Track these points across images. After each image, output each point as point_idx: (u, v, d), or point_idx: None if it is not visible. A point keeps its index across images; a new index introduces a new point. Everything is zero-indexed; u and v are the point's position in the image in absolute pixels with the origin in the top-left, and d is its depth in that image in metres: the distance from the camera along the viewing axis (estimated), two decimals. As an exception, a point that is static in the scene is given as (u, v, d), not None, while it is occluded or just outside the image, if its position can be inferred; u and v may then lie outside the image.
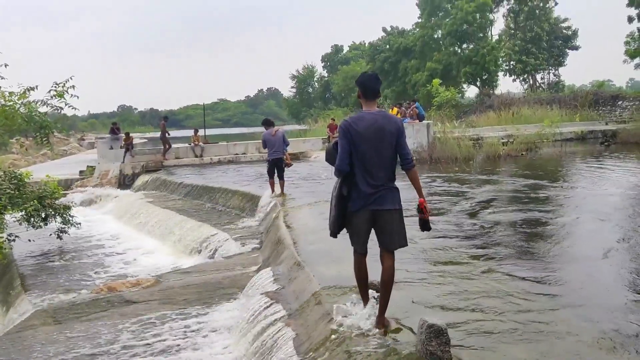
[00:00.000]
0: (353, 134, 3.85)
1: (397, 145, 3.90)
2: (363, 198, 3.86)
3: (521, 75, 49.52)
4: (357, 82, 4.01)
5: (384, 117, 3.96)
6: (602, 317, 4.28)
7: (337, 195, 3.93)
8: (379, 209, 3.87)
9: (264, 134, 11.24)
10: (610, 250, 6.21)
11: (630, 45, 27.41)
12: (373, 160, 3.85)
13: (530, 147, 19.32)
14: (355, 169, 3.87)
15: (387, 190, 3.91)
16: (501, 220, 8.19)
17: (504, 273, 5.49)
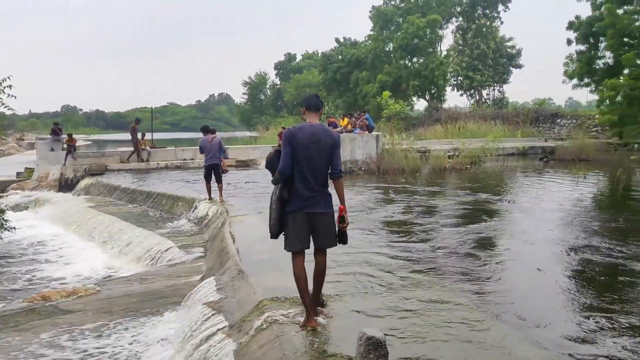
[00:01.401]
0: (294, 142, 4.23)
1: (331, 156, 4.32)
2: (300, 201, 4.24)
3: (468, 91, 51.12)
4: (302, 103, 4.53)
5: (323, 130, 4.37)
6: (544, 337, 4.42)
7: (278, 199, 4.31)
8: (313, 211, 4.25)
9: (201, 140, 11.90)
10: (546, 264, 6.46)
11: (569, 66, 28.74)
12: (310, 167, 4.23)
13: (475, 160, 19.93)
14: (294, 174, 4.25)
15: (322, 195, 4.28)
16: (443, 231, 8.38)
17: (442, 286, 5.60)
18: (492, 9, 49.69)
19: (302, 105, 4.51)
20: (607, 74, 25.57)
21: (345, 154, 18.38)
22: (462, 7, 49.60)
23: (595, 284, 5.79)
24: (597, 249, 7.14)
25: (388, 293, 5.27)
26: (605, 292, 5.47)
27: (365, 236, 8.04)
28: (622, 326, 4.52)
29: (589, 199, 12.37)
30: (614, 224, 8.94)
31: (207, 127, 12.20)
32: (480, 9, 49.76)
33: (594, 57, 27.12)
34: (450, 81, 49.88)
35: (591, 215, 9.92)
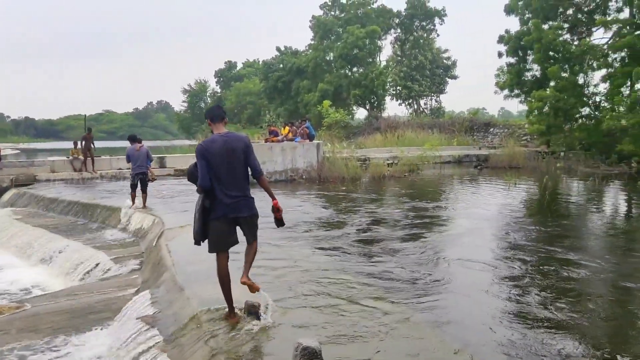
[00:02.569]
0: (208, 155, 4.46)
1: (246, 159, 4.59)
2: (223, 208, 4.50)
3: (406, 100, 52.42)
4: (205, 115, 4.80)
5: (234, 137, 4.63)
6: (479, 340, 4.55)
7: (200, 208, 4.53)
8: (239, 215, 4.55)
9: (128, 149, 12.10)
10: (483, 270, 6.68)
11: (500, 77, 29.97)
12: (229, 175, 4.49)
13: (413, 168, 20.41)
14: (214, 184, 4.48)
15: (244, 199, 4.58)
16: (383, 239, 8.50)
17: (378, 297, 5.67)
18: (428, 21, 51.35)
19: (207, 117, 4.73)
20: (535, 85, 26.92)
21: (286, 162, 18.38)
22: (400, 19, 50.95)
23: (531, 283, 6.03)
24: (528, 250, 7.46)
25: (326, 301, 5.27)
26: (543, 291, 5.71)
27: (303, 243, 8.04)
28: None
29: (519, 205, 12.92)
30: (542, 228, 9.36)
31: (134, 136, 12.41)
32: (417, 21, 51.28)
33: (523, 70, 28.45)
34: (390, 91, 50.98)
35: (520, 220, 10.36)
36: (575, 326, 4.78)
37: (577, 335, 4.58)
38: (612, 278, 6.41)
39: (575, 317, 4.99)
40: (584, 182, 17.16)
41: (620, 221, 10.90)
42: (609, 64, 23.80)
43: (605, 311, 5.27)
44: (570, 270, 6.55)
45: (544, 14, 26.82)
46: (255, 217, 4.69)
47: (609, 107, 23.05)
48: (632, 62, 21.94)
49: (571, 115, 24.18)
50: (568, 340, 4.45)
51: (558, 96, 23.67)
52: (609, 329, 4.94)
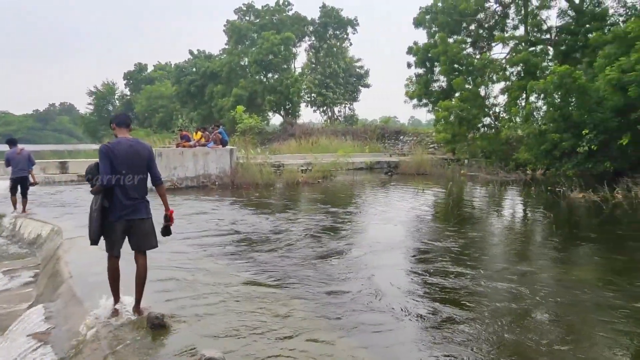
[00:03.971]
0: (112, 155, 4.60)
1: (148, 166, 4.83)
2: (121, 209, 4.65)
3: (321, 107, 53.16)
4: (112, 120, 4.96)
5: (138, 143, 4.84)
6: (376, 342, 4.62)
7: (99, 208, 4.62)
8: (134, 218, 4.71)
9: (7, 153, 11.94)
10: (381, 272, 6.84)
11: (409, 87, 31.20)
12: (130, 178, 4.66)
13: (326, 175, 20.66)
14: (114, 185, 4.62)
15: (141, 202, 4.77)
16: (294, 243, 8.49)
17: (287, 302, 5.64)
18: (342, 30, 52.45)
19: (112, 122, 4.92)
20: (442, 96, 28.27)
21: (198, 167, 17.95)
22: (314, 26, 51.62)
23: (435, 280, 6.25)
24: (434, 252, 7.76)
25: (233, 310, 5.16)
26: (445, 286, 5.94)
27: (210, 251, 7.86)
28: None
29: (426, 209, 13.44)
30: (446, 232, 9.78)
31: (13, 139, 12.33)
32: (331, 29, 52.22)
33: (430, 80, 29.79)
34: (305, 97, 51.46)
35: (427, 224, 10.78)
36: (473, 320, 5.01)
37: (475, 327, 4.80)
38: (507, 271, 6.81)
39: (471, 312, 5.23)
40: (485, 188, 18.17)
41: (514, 222, 11.64)
42: (506, 77, 25.49)
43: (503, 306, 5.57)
44: (470, 271, 6.88)
45: (449, 28, 28.28)
46: (150, 221, 4.86)
47: (507, 118, 24.67)
48: (527, 76, 23.63)
49: (474, 124, 25.61)
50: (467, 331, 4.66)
51: (462, 106, 24.99)
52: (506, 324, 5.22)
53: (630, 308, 5.45)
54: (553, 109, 20.50)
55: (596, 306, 5.57)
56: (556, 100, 20.32)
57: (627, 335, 4.75)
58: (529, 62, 23.69)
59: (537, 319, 5.18)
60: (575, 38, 24.37)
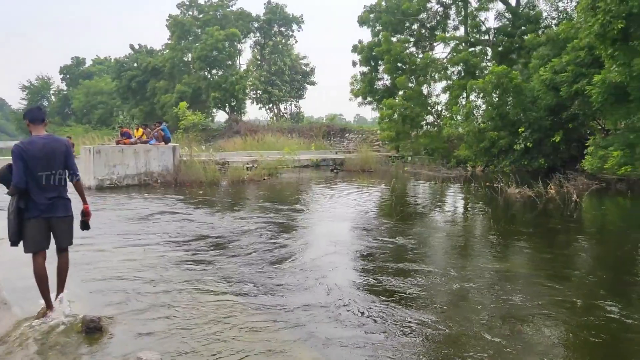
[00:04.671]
0: (26, 156, 4.47)
1: (66, 162, 4.69)
2: (39, 208, 4.55)
3: (267, 104, 52.87)
4: (24, 116, 4.76)
5: (53, 139, 4.69)
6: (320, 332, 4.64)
7: (15, 209, 4.51)
8: (53, 216, 4.63)
9: None
10: (333, 270, 6.88)
11: (354, 85, 31.55)
12: (47, 176, 4.55)
13: (272, 172, 20.57)
14: (30, 185, 4.50)
15: (60, 200, 4.68)
16: (240, 243, 8.40)
17: (235, 301, 5.57)
18: (287, 27, 52.32)
19: (25, 118, 4.73)
20: (386, 94, 28.76)
21: (139, 165, 17.45)
22: (259, 23, 51.23)
23: (382, 274, 6.34)
24: (380, 249, 7.87)
25: (170, 312, 5.05)
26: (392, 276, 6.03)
27: (149, 250, 7.66)
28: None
29: (370, 204, 13.63)
30: (391, 228, 9.95)
31: None
32: (276, 26, 51.99)
33: (375, 79, 30.23)
34: (250, 94, 51.04)
35: (373, 221, 10.93)
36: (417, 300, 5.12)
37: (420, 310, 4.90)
38: (450, 266, 7.00)
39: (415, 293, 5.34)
40: (427, 184, 18.62)
41: (455, 217, 12.00)
42: (448, 77, 26.22)
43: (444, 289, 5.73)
44: (415, 266, 7.03)
45: (392, 27, 28.76)
46: (70, 218, 4.79)
47: (448, 116, 25.36)
48: (467, 76, 24.40)
49: (417, 122, 26.20)
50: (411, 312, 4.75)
51: (406, 105, 25.51)
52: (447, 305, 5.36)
53: (560, 296, 5.71)
54: (491, 108, 21.26)
55: (531, 296, 5.80)
56: (494, 99, 21.08)
57: (558, 320, 4.99)
58: (469, 62, 24.45)
59: (479, 310, 5.35)
60: (512, 39, 25.35)
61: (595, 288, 6.18)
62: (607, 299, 5.70)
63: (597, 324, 4.99)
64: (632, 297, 5.88)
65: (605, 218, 12.21)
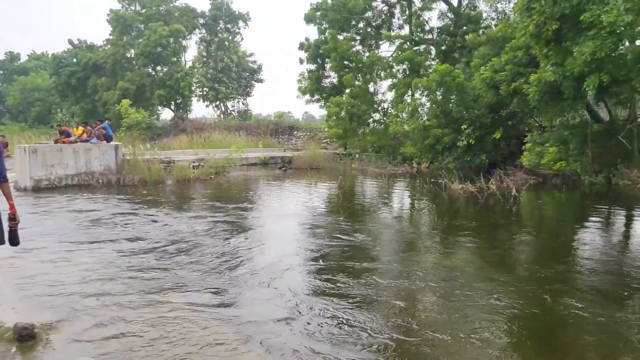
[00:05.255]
0: None
1: None
2: None
3: (214, 102, 52.09)
4: None
5: None
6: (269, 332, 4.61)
7: None
8: None
9: None
10: (283, 271, 6.86)
11: (302, 83, 31.55)
12: None
13: (219, 170, 20.31)
14: None
15: None
16: (190, 246, 8.24)
17: (184, 303, 5.47)
18: (233, 24, 51.72)
19: None
20: (333, 92, 28.93)
21: (79, 165, 16.84)
22: (205, 19, 50.39)
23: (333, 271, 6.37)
24: (329, 247, 7.91)
25: (111, 315, 4.90)
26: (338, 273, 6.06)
27: (86, 251, 7.41)
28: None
29: (319, 202, 13.68)
30: (339, 225, 10.02)
31: None
32: (222, 23, 51.29)
33: (322, 76, 30.35)
34: (196, 92, 50.16)
35: (321, 218, 10.98)
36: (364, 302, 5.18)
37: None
38: (397, 261, 7.13)
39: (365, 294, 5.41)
40: (374, 181, 18.87)
41: (402, 213, 12.23)
42: (393, 75, 26.64)
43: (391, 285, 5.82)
44: (363, 256, 7.12)
45: (339, 25, 28.95)
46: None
47: (394, 114, 25.77)
48: (412, 74, 24.86)
49: (364, 120, 26.50)
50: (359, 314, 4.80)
51: (352, 102, 25.75)
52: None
53: (505, 287, 5.93)
54: (435, 106, 21.76)
55: (474, 287, 5.99)
56: (438, 97, 21.58)
57: (498, 309, 5.17)
58: (414, 61, 24.93)
59: (425, 304, 5.47)
60: (454, 39, 26.04)
61: (536, 279, 6.45)
62: (548, 289, 5.96)
63: (540, 312, 5.21)
64: (569, 286, 6.17)
65: (542, 212, 12.75)
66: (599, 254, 7.81)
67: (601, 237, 9.26)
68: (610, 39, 12.86)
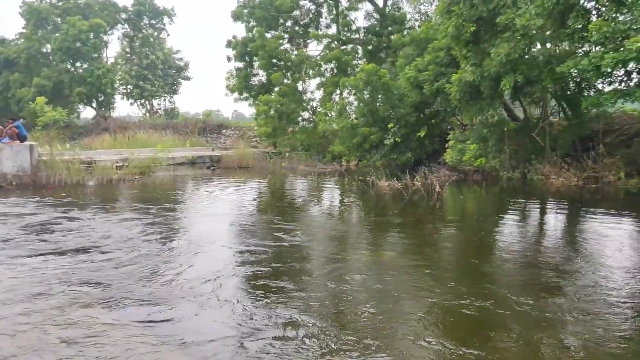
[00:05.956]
0: None
1: None
2: None
3: (139, 100, 50.31)
4: None
5: None
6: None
7: None
8: None
9: None
10: (219, 277, 6.73)
11: (230, 81, 31.11)
12: None
13: (145, 171, 19.66)
14: None
15: None
16: (107, 253, 7.92)
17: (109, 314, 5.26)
18: (158, 19, 50.19)
19: None
20: (262, 90, 28.74)
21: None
22: (127, 14, 48.56)
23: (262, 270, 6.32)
24: (262, 246, 7.86)
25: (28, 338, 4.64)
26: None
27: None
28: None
29: (249, 202, 13.57)
30: (268, 224, 9.99)
31: None
32: (146, 18, 49.65)
33: (250, 74, 30.08)
34: (120, 89, 48.28)
35: (251, 217, 10.90)
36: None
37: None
38: (326, 258, 7.21)
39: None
40: (304, 179, 18.96)
41: (331, 211, 12.38)
42: (321, 73, 26.87)
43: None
44: (294, 251, 7.13)
45: (266, 23, 28.81)
46: None
47: (323, 112, 25.99)
48: (340, 73, 25.19)
49: (293, 118, 26.55)
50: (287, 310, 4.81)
51: (281, 101, 25.73)
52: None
53: (428, 279, 6.14)
54: (363, 105, 22.17)
55: (404, 282, 6.16)
56: (365, 96, 21.99)
57: (426, 301, 5.35)
58: (341, 60, 25.26)
59: (360, 300, 5.55)
60: (380, 39, 26.62)
61: (461, 271, 6.72)
62: (471, 280, 6.23)
63: (466, 302, 5.43)
64: (490, 277, 6.48)
65: (464, 206, 13.32)
66: (517, 245, 8.28)
67: (518, 229, 9.81)
68: (523, 41, 13.60)
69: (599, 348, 4.34)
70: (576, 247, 7.97)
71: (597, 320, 4.89)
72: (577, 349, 4.33)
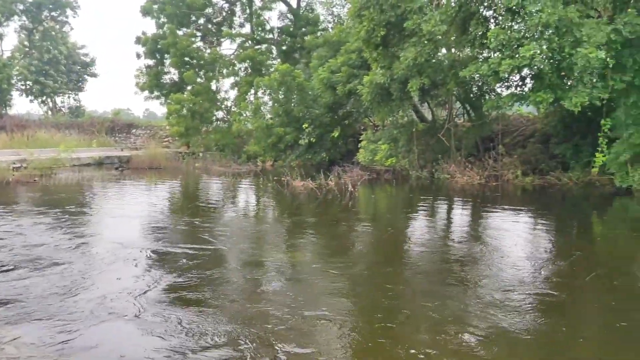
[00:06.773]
0: None
1: None
2: None
3: (40, 97, 47.17)
4: None
5: None
6: None
7: None
8: None
9: None
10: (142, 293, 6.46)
11: (140, 78, 30.01)
12: None
13: (46, 172, 18.53)
14: None
15: None
16: (19, 263, 7.37)
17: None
18: (59, 12, 47.31)
19: None
20: (174, 88, 27.98)
21: None
22: (25, 5, 45.36)
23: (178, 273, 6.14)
24: (175, 249, 7.64)
25: None
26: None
27: None
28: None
29: (160, 203, 13.16)
30: (181, 225, 9.74)
31: None
32: (47, 11, 46.63)
33: (161, 72, 29.19)
34: (18, 85, 45.01)
35: (164, 219, 10.58)
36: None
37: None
38: (240, 259, 7.15)
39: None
40: (219, 179, 18.68)
41: (246, 211, 12.31)
42: (235, 73, 26.62)
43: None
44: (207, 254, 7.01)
45: (178, 20, 28.09)
46: None
47: (237, 112, 25.76)
48: (254, 73, 25.09)
49: (207, 118, 26.09)
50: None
51: (194, 100, 25.20)
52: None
53: (342, 275, 6.28)
54: (277, 105, 22.23)
55: (319, 278, 6.24)
56: (280, 96, 22.06)
57: (341, 295, 5.47)
58: (255, 60, 25.18)
59: (272, 299, 5.56)
60: (294, 39, 26.81)
61: (374, 264, 6.92)
62: (384, 272, 6.44)
63: (380, 293, 5.60)
64: (401, 268, 6.73)
65: (376, 205, 13.73)
66: (425, 239, 8.69)
67: (427, 225, 10.27)
68: (429, 46, 14.24)
69: (501, 332, 4.66)
70: (479, 241, 8.47)
71: (496, 308, 5.24)
72: (481, 336, 4.61)
